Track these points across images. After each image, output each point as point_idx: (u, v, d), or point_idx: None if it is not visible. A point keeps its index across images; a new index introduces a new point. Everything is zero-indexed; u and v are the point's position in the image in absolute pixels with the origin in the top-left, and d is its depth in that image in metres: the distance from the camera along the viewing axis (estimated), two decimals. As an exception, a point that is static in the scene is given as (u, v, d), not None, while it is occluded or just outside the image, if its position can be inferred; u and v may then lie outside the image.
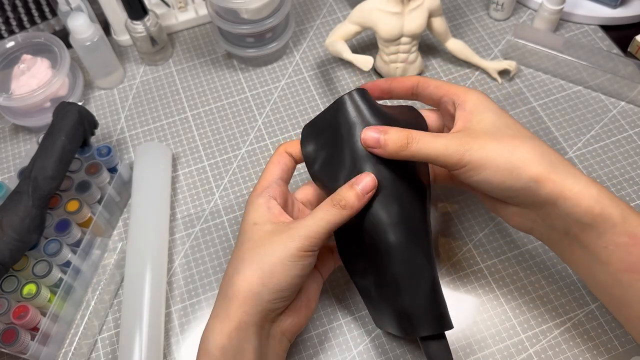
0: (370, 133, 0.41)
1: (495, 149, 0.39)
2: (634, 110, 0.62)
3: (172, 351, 0.49)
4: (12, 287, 0.47)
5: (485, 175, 0.39)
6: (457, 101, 0.43)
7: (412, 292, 0.41)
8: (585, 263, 0.40)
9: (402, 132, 0.40)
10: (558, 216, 0.39)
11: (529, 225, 0.42)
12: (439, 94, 0.45)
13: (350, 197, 0.40)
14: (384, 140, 0.40)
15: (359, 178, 0.40)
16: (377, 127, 0.41)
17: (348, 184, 0.40)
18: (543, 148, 0.40)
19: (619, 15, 0.67)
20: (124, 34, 0.69)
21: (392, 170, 0.42)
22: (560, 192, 0.38)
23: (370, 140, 0.40)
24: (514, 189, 0.39)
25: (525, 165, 0.38)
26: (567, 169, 0.39)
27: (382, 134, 0.40)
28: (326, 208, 0.40)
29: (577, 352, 0.48)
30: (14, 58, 0.62)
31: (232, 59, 0.69)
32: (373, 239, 0.41)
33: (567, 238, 0.40)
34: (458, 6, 0.72)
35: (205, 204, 0.58)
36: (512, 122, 0.42)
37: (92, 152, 0.56)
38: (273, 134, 0.62)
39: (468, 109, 0.42)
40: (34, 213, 0.47)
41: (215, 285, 0.52)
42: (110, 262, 0.53)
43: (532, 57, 0.64)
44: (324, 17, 0.72)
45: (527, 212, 0.41)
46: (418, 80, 0.46)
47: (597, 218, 0.37)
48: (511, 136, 0.40)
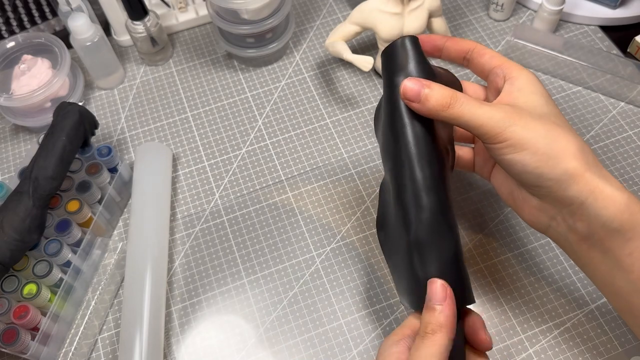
0: (411, 84, 0.38)
1: (539, 131, 0.37)
2: (634, 110, 0.62)
3: (172, 351, 0.50)
4: (13, 287, 0.47)
5: (522, 155, 0.37)
6: (508, 75, 0.41)
7: (436, 261, 0.38)
8: (603, 269, 0.38)
9: (446, 91, 0.37)
10: (582, 217, 0.37)
11: (546, 222, 0.40)
12: (492, 64, 0.42)
13: (431, 317, 0.35)
14: (425, 95, 0.37)
15: (429, 293, 0.36)
16: (420, 79, 0.38)
17: (424, 306, 0.36)
18: (583, 144, 0.38)
19: (619, 16, 0.67)
20: (124, 34, 0.69)
21: (428, 133, 0.39)
22: (590, 192, 0.36)
23: (410, 92, 0.38)
24: (546, 177, 0.37)
25: (564, 156, 0.36)
26: (601, 170, 0.37)
27: (425, 87, 0.37)
28: (417, 345, 0.35)
29: (577, 352, 0.48)
30: (15, 58, 0.62)
31: (233, 59, 0.69)
32: (406, 202, 0.39)
33: (586, 242, 0.38)
34: (458, 7, 0.72)
35: (206, 204, 0.58)
36: (557, 111, 0.40)
37: (92, 152, 0.56)
38: (273, 134, 0.62)
39: (517, 86, 0.40)
40: (34, 213, 0.47)
41: (216, 285, 0.53)
42: (111, 262, 0.53)
43: (532, 57, 0.64)
44: (324, 18, 0.72)
45: (548, 208, 0.39)
46: (475, 46, 0.43)
47: (625, 223, 0.36)
48: (556, 124, 0.38)
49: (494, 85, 0.42)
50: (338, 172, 0.59)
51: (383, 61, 0.42)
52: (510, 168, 0.38)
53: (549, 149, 0.36)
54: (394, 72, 0.41)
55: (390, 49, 0.41)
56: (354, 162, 0.60)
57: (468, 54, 0.44)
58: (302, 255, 0.54)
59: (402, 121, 0.39)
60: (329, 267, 0.53)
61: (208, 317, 0.51)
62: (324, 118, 0.63)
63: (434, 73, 0.41)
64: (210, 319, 0.51)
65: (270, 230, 0.55)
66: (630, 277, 0.37)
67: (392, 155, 0.40)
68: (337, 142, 0.61)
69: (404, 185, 0.39)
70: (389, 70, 0.41)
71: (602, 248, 0.37)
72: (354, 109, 0.63)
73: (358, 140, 0.61)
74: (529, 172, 0.37)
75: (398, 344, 0.37)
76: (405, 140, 0.39)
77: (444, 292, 0.36)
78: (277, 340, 0.50)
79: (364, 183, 0.58)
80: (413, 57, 0.40)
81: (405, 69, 0.40)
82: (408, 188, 0.39)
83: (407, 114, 0.39)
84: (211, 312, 0.51)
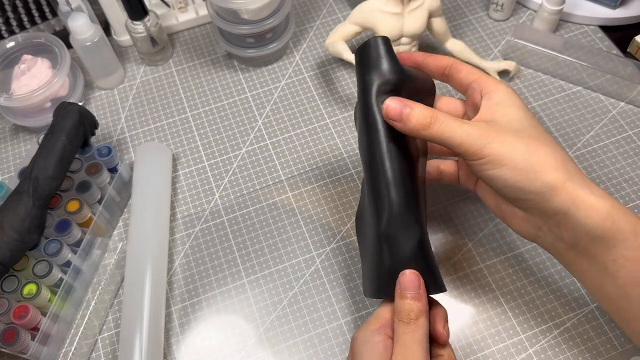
0: (393, 104, 0.39)
1: (516, 146, 0.38)
2: (634, 110, 0.62)
3: (172, 351, 0.50)
4: (13, 287, 0.47)
5: (501, 171, 0.38)
6: (485, 90, 0.42)
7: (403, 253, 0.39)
8: (592, 275, 0.39)
9: (426, 111, 0.38)
10: (567, 226, 0.38)
11: (533, 232, 0.41)
12: (470, 80, 0.43)
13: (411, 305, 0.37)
14: (406, 115, 0.38)
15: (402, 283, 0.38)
16: (401, 99, 0.39)
17: (398, 295, 0.38)
18: (562, 155, 0.39)
19: (619, 16, 0.67)
20: (124, 34, 0.69)
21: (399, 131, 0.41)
22: (572, 202, 0.37)
23: (393, 111, 0.39)
24: (527, 191, 0.38)
25: (543, 170, 0.37)
26: (582, 179, 0.38)
27: (407, 107, 0.38)
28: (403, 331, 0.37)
29: (576, 352, 0.48)
30: (15, 58, 0.62)
31: (233, 59, 0.69)
32: (376, 196, 0.40)
33: (573, 250, 0.39)
34: (458, 7, 0.72)
35: (206, 204, 0.58)
36: (535, 122, 0.41)
37: (92, 152, 0.56)
38: (273, 134, 0.62)
39: (494, 101, 0.41)
40: (34, 213, 0.47)
41: (216, 285, 0.53)
42: (111, 262, 0.53)
43: (532, 57, 0.64)
44: (324, 18, 0.72)
45: (534, 219, 0.40)
46: (452, 62, 0.45)
47: (608, 231, 0.37)
48: (534, 137, 0.39)
49: (471, 100, 0.43)
50: (338, 172, 0.59)
51: (356, 60, 0.44)
52: (491, 183, 0.39)
53: (528, 163, 0.37)
54: (367, 71, 0.42)
55: (363, 48, 0.43)
56: (354, 162, 0.59)
57: (446, 70, 0.45)
58: (302, 255, 0.54)
59: (375, 119, 0.41)
60: (329, 267, 0.53)
61: (208, 317, 0.51)
62: (324, 118, 0.63)
63: (405, 72, 0.43)
64: (210, 319, 0.51)
65: (270, 230, 0.55)
66: (617, 282, 0.37)
67: (366, 150, 0.42)
68: (337, 142, 0.61)
69: (376, 179, 0.40)
70: (362, 70, 0.43)
71: (588, 255, 0.38)
72: (354, 109, 0.63)
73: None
74: (510, 187, 0.38)
75: (378, 333, 0.38)
76: (377, 137, 0.41)
77: (418, 280, 0.38)
78: (277, 340, 0.50)
79: (364, 183, 0.58)
80: (385, 56, 0.42)
81: (378, 67, 0.42)
82: (379, 182, 0.40)
83: (380, 113, 0.41)
84: (211, 312, 0.51)
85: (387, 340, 0.37)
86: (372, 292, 0.41)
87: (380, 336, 0.38)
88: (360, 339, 0.38)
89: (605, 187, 0.56)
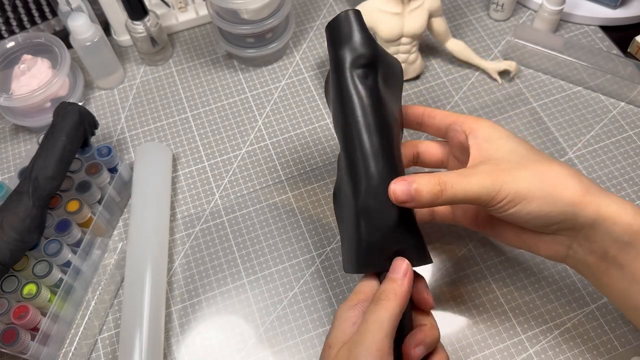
0: (399, 187, 0.37)
1: (528, 178, 0.38)
2: (634, 110, 0.62)
3: (172, 351, 0.50)
4: (13, 287, 0.47)
5: (523, 205, 0.38)
6: (467, 129, 0.42)
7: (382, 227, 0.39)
8: (621, 285, 0.39)
9: (433, 179, 0.37)
10: (596, 238, 0.38)
11: (564, 252, 0.41)
12: (447, 122, 0.44)
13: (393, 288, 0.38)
14: (415, 191, 0.37)
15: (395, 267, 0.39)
16: (404, 178, 0.38)
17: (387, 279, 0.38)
18: (570, 170, 0.39)
19: (619, 16, 0.67)
20: (124, 34, 0.69)
21: (375, 103, 0.40)
22: (597, 212, 0.37)
23: (401, 194, 0.37)
24: (552, 215, 0.38)
25: (560, 191, 0.37)
26: (598, 188, 0.38)
27: (413, 184, 0.37)
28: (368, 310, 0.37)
29: (577, 352, 0.48)
30: (15, 58, 0.62)
31: (233, 59, 0.69)
32: (355, 171, 0.40)
33: (604, 262, 0.39)
34: (458, 6, 0.72)
35: (206, 204, 0.58)
36: (529, 146, 0.41)
37: (92, 152, 0.56)
38: (273, 134, 0.62)
39: (481, 137, 0.41)
40: (34, 213, 0.47)
41: (216, 285, 0.53)
42: (111, 262, 0.53)
43: (532, 57, 0.64)
44: (324, 18, 0.72)
45: (563, 239, 0.40)
46: (423, 110, 0.46)
47: (635, 235, 0.37)
48: (538, 162, 0.39)
49: (455, 141, 0.44)
50: (338, 172, 0.59)
51: (328, 36, 0.43)
52: (516, 219, 0.39)
53: (544, 189, 0.38)
54: (339, 45, 0.42)
55: (334, 23, 0.42)
56: (354, 162, 0.59)
57: (420, 118, 0.46)
58: (302, 255, 0.54)
59: (349, 93, 0.40)
60: (329, 267, 0.53)
61: (208, 317, 0.51)
62: (324, 118, 0.63)
63: (378, 47, 0.42)
64: (210, 319, 0.51)
65: (270, 230, 0.55)
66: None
67: (342, 126, 0.41)
68: (338, 142, 0.61)
69: (354, 154, 0.40)
70: (334, 44, 0.42)
71: (618, 264, 0.38)
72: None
73: (358, 140, 0.61)
74: (535, 217, 0.38)
75: (354, 308, 0.38)
76: (353, 111, 0.40)
77: (406, 269, 0.38)
78: (277, 341, 0.50)
79: (364, 183, 0.58)
80: (357, 29, 0.41)
81: (350, 41, 0.41)
82: (357, 157, 0.40)
83: (353, 86, 0.40)
84: (211, 312, 0.51)
85: (359, 317, 0.38)
86: (352, 267, 0.41)
87: (355, 311, 0.38)
88: (337, 314, 0.39)
89: (605, 187, 0.56)
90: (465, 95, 0.64)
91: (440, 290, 0.51)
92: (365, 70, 0.41)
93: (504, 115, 0.62)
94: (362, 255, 0.39)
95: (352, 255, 0.40)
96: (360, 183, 0.40)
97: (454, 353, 0.48)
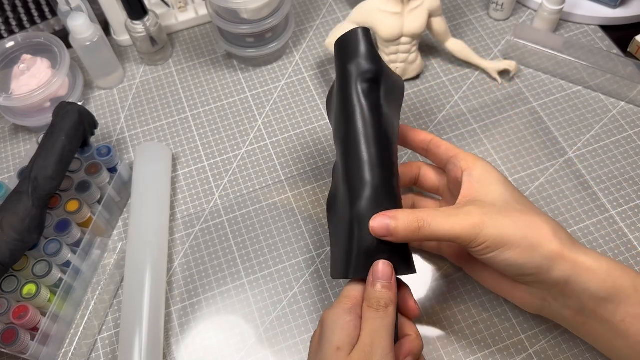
0: (377, 223, 0.39)
1: (509, 226, 0.39)
2: (634, 110, 0.62)
3: (172, 351, 0.49)
4: (12, 287, 0.47)
5: (501, 252, 0.39)
6: (464, 167, 0.43)
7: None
8: (604, 337, 0.39)
9: (411, 216, 0.39)
10: (571, 294, 0.39)
11: (538, 304, 0.42)
12: (449, 155, 0.45)
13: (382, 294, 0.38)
14: (394, 229, 0.39)
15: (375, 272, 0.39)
16: (385, 213, 0.39)
17: (370, 283, 0.39)
18: (553, 224, 0.40)
19: (619, 16, 0.67)
20: (123, 34, 0.69)
21: (375, 116, 0.42)
22: (572, 269, 0.38)
23: (379, 229, 0.39)
24: (528, 266, 0.39)
25: (540, 244, 0.38)
26: (575, 244, 0.39)
27: (392, 219, 0.39)
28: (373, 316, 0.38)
29: (577, 352, 0.48)
30: (14, 58, 0.62)
31: (232, 59, 0.69)
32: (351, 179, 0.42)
33: (581, 316, 0.40)
34: (458, 6, 0.72)
35: (205, 204, 0.58)
36: (518, 194, 0.42)
37: (92, 152, 0.56)
38: (273, 134, 0.62)
39: (475, 178, 0.42)
40: (34, 213, 0.47)
41: (215, 285, 0.53)
42: (110, 262, 0.53)
43: (532, 57, 0.64)
44: (324, 17, 0.72)
45: (537, 291, 0.41)
46: (431, 139, 0.47)
47: (610, 291, 0.37)
48: (521, 212, 0.40)
49: (452, 175, 0.45)
50: (338, 172, 0.59)
51: (336, 50, 0.46)
52: (494, 264, 0.40)
53: (524, 239, 0.38)
54: (347, 59, 0.44)
55: (344, 38, 0.45)
56: (353, 162, 0.59)
57: (427, 145, 0.47)
58: (302, 255, 0.54)
59: (353, 105, 0.43)
60: (329, 267, 0.53)
61: (208, 317, 0.51)
62: (324, 118, 0.63)
63: (383, 64, 0.45)
64: (210, 319, 0.51)
65: (270, 230, 0.55)
66: (629, 342, 0.38)
67: (343, 135, 0.43)
68: (337, 142, 0.61)
69: (351, 164, 0.42)
70: (342, 59, 0.45)
71: (597, 318, 0.39)
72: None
73: (358, 140, 0.61)
74: (512, 265, 0.39)
75: (350, 312, 0.39)
76: (354, 122, 0.42)
77: (390, 271, 0.39)
78: (277, 341, 0.49)
79: (364, 183, 0.58)
80: (364, 46, 0.44)
81: (357, 56, 0.43)
82: (354, 166, 0.42)
83: (357, 99, 0.43)
84: (211, 312, 0.51)
85: (357, 320, 0.39)
86: (341, 273, 0.41)
87: (352, 316, 0.39)
88: (332, 317, 0.39)
89: (605, 187, 0.56)
90: (465, 94, 0.64)
91: (440, 290, 0.51)
92: (370, 85, 0.43)
93: (503, 115, 0.62)
94: (353, 260, 0.40)
95: (342, 260, 0.41)
96: (356, 190, 0.41)
97: (454, 353, 0.48)
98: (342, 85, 0.44)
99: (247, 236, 0.55)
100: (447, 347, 0.48)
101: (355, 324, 0.38)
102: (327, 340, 0.38)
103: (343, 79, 0.44)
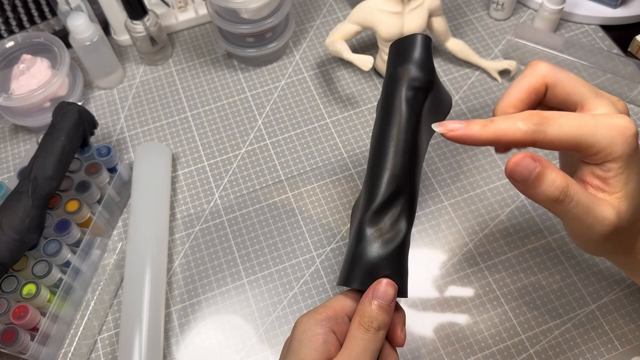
0: (525, 162, 0.32)
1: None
2: (634, 110, 0.61)
3: (172, 351, 0.49)
4: (12, 287, 0.47)
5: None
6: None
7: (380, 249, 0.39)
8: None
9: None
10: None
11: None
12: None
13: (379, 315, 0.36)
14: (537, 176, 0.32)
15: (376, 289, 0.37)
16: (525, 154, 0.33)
17: (367, 299, 0.36)
18: None
19: (619, 15, 0.67)
20: (123, 34, 0.69)
21: (411, 125, 0.41)
22: None
23: (523, 169, 0.33)
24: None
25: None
26: None
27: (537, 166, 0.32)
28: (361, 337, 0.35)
29: (577, 352, 0.48)
30: (14, 58, 0.62)
31: (232, 59, 0.69)
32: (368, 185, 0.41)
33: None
34: (458, 6, 0.72)
35: (205, 204, 0.58)
36: None
37: (91, 152, 0.56)
38: (273, 134, 0.62)
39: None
40: (33, 213, 0.47)
41: (215, 285, 0.52)
42: (110, 262, 0.53)
43: (532, 57, 0.64)
44: (324, 17, 0.72)
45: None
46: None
47: None
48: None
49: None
50: (338, 172, 0.59)
51: (391, 51, 0.44)
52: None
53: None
54: (399, 63, 0.42)
55: (401, 41, 0.43)
56: (354, 162, 0.59)
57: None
58: (302, 255, 0.54)
59: (394, 110, 0.41)
60: (329, 267, 0.53)
61: (208, 317, 0.51)
62: (324, 118, 0.63)
63: (437, 76, 0.43)
64: (210, 319, 0.51)
65: (270, 230, 0.55)
66: None
67: (376, 138, 0.42)
68: (337, 142, 0.61)
69: (375, 169, 0.41)
70: (395, 61, 0.42)
71: None
72: (354, 108, 0.63)
73: (358, 140, 0.61)
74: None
75: (322, 324, 0.36)
76: (390, 127, 0.41)
77: (393, 294, 0.37)
78: (277, 341, 0.49)
79: (364, 183, 0.58)
80: (421, 53, 0.42)
81: (410, 62, 0.42)
82: (376, 173, 0.40)
83: (399, 104, 0.41)
84: (211, 312, 0.51)
85: (328, 334, 0.36)
86: (342, 279, 0.40)
87: (323, 328, 0.36)
88: (303, 326, 0.36)
89: (605, 186, 0.56)
90: (465, 94, 0.64)
91: (441, 290, 0.51)
92: (415, 93, 0.42)
93: (504, 115, 0.62)
94: (355, 269, 0.39)
95: (345, 267, 0.40)
96: (371, 201, 0.40)
97: (454, 353, 0.48)
98: (388, 86, 0.43)
99: (247, 236, 0.55)
100: (447, 347, 0.48)
101: (325, 339, 0.35)
102: (293, 352, 0.36)
103: (390, 80, 0.42)
